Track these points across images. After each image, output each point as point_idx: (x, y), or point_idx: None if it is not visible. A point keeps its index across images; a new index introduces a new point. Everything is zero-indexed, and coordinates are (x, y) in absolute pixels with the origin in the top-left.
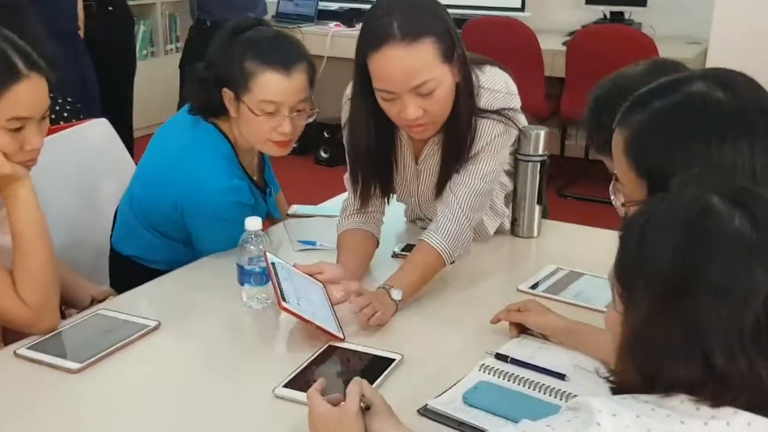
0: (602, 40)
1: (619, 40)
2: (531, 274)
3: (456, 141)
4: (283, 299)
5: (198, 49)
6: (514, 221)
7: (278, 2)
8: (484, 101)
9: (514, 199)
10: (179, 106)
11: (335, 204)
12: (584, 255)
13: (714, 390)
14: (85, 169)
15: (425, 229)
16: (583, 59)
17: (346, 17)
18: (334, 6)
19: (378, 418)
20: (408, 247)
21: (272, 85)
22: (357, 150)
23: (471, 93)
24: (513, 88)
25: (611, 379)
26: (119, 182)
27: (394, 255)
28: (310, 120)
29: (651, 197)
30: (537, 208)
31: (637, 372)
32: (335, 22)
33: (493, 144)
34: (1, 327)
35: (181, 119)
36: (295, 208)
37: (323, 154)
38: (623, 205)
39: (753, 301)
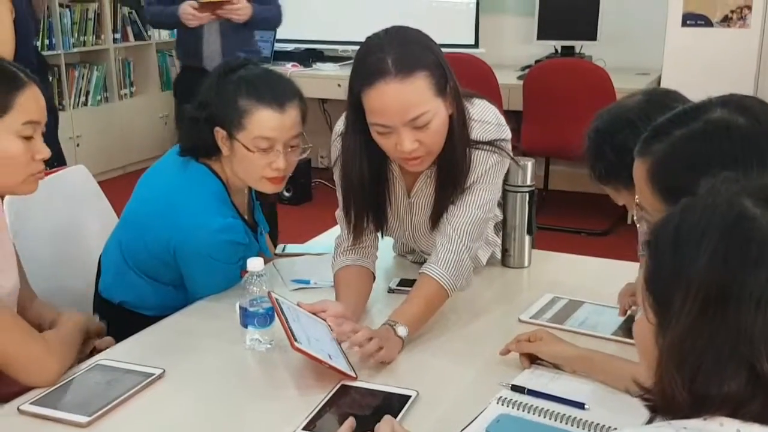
0: (557, 73)
1: (574, 73)
2: (528, 304)
3: (451, 172)
4: (295, 339)
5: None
6: (505, 251)
7: None
8: (476, 133)
9: (504, 229)
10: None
11: (323, 241)
12: (576, 283)
13: (763, 403)
14: (65, 216)
15: (415, 263)
16: (540, 92)
17: (303, 58)
18: (290, 47)
19: None
20: (404, 282)
21: (266, 122)
22: (350, 185)
23: (464, 124)
24: (502, 119)
25: (647, 397)
26: (100, 228)
27: (390, 290)
28: (304, 156)
29: (677, 204)
30: (527, 238)
31: (686, 390)
32: (292, 63)
33: (488, 174)
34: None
35: (171, 160)
36: (283, 247)
37: (286, 194)
38: None
39: None
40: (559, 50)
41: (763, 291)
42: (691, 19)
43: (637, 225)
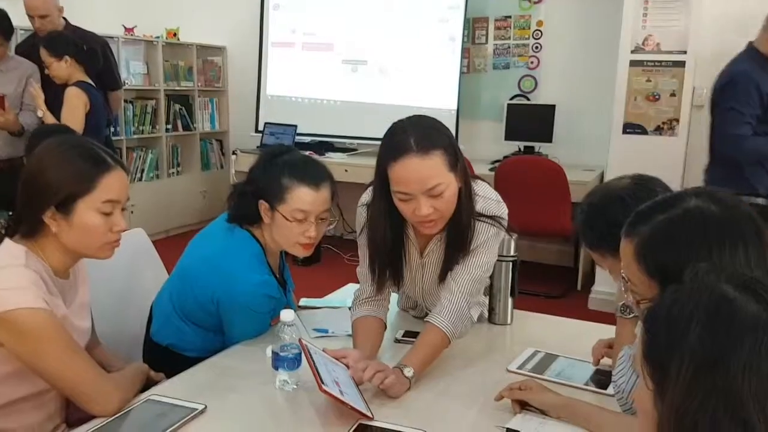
0: (522, 166)
1: (535, 167)
2: (512, 355)
3: (458, 236)
4: (322, 382)
5: None
6: (491, 310)
7: (262, 136)
8: (480, 206)
9: (491, 291)
10: None
11: (339, 296)
12: (551, 339)
13: None
14: (125, 270)
15: (417, 317)
16: (508, 181)
17: (318, 147)
18: (307, 139)
19: None
20: (408, 333)
21: (304, 197)
22: (375, 244)
23: (470, 196)
24: (500, 198)
25: None
26: (153, 282)
27: (397, 340)
28: (331, 227)
29: (666, 289)
30: (510, 300)
31: None
32: (309, 151)
33: (488, 242)
34: (68, 405)
35: (220, 225)
36: (304, 301)
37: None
38: (638, 303)
39: None
40: (522, 149)
41: (748, 358)
42: (630, 128)
43: (619, 291)
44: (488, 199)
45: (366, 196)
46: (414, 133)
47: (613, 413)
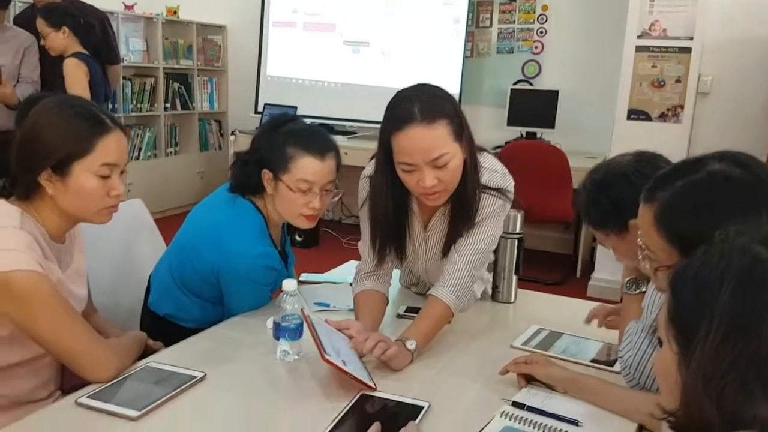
0: (525, 152)
1: (538, 152)
2: (515, 333)
3: (462, 209)
4: (325, 352)
5: None
6: (495, 288)
7: (261, 117)
8: (485, 178)
9: (495, 269)
10: None
11: (339, 272)
12: (554, 318)
13: None
14: (122, 240)
15: (418, 293)
16: (510, 167)
17: None
18: (307, 121)
19: None
20: (410, 309)
21: (309, 167)
22: (377, 217)
23: (476, 168)
24: (506, 170)
25: (671, 419)
26: (150, 253)
27: (399, 316)
28: (336, 199)
29: (697, 250)
30: (514, 278)
31: (714, 407)
32: None
33: (493, 215)
34: (63, 371)
35: (221, 195)
36: (304, 276)
37: (298, 238)
38: (655, 270)
39: None
40: (524, 135)
41: None
42: (635, 114)
43: (625, 267)
44: (494, 171)
45: (369, 168)
46: (418, 102)
47: (620, 387)
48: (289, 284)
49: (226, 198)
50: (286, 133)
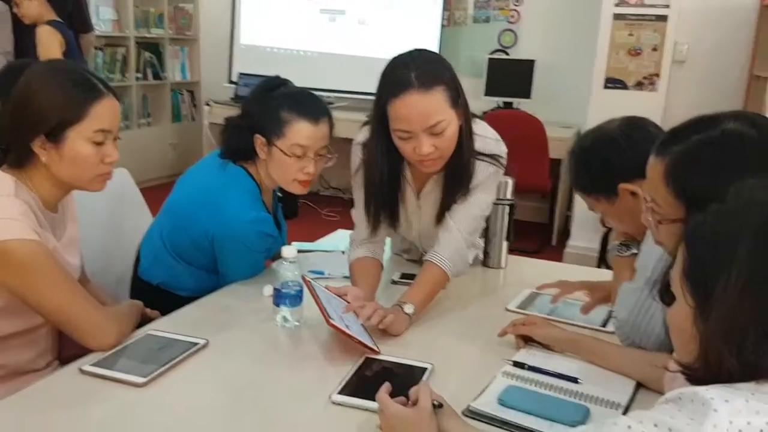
0: (504, 121)
1: (515, 122)
2: (507, 297)
3: (458, 176)
4: (329, 317)
5: None
6: (486, 254)
7: (236, 88)
8: (479, 145)
9: (486, 235)
10: None
11: (330, 241)
12: (542, 281)
13: None
14: (108, 209)
15: (410, 260)
16: None
17: None
18: None
19: (447, 416)
20: (404, 275)
21: (304, 131)
22: (372, 183)
23: (471, 135)
24: (499, 136)
25: (689, 372)
26: (137, 221)
27: (393, 282)
28: (329, 164)
29: (709, 206)
30: (505, 244)
31: (734, 358)
32: None
33: (487, 181)
34: (60, 341)
35: (211, 161)
36: (295, 245)
37: None
38: (659, 222)
39: None
40: (501, 105)
41: None
42: (611, 83)
43: (616, 232)
44: (487, 138)
45: (362, 135)
46: (415, 68)
47: (617, 346)
48: (288, 251)
49: (217, 164)
50: (279, 98)
